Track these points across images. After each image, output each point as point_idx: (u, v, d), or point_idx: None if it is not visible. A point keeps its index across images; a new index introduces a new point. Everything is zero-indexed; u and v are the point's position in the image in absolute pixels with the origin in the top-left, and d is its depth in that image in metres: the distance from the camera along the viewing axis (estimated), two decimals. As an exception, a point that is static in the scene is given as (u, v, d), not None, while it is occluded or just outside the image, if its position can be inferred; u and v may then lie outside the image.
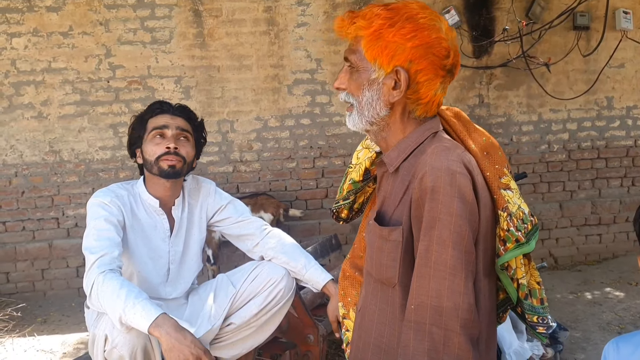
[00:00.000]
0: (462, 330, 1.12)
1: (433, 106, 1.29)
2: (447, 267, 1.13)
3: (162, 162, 2.07)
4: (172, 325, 1.73)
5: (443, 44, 1.24)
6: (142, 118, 2.14)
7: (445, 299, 1.12)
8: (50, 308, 4.69)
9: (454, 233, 1.14)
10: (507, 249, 1.26)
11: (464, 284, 1.13)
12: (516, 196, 1.29)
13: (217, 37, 4.88)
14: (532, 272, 1.37)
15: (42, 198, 4.86)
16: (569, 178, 5.45)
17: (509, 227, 1.25)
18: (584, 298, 4.46)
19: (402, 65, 1.24)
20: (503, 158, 1.33)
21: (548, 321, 1.37)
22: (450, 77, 1.30)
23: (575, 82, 5.31)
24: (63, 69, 4.76)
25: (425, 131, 1.29)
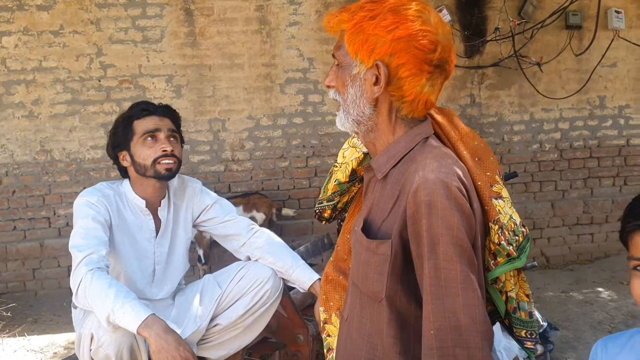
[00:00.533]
0: (483, 344, 1.08)
1: (420, 105, 1.21)
2: (458, 283, 1.09)
3: (158, 166, 2.06)
4: (162, 327, 1.72)
5: (428, 37, 1.16)
6: (127, 120, 2.11)
7: (462, 315, 1.08)
8: (41, 308, 4.67)
9: (458, 247, 1.10)
10: (497, 263, 1.22)
11: (476, 296, 1.09)
12: (507, 205, 1.24)
13: (209, 36, 4.86)
14: (522, 284, 1.32)
15: (33, 197, 4.84)
16: (561, 177, 5.46)
17: (500, 241, 1.21)
18: (576, 297, 4.46)
19: (382, 59, 1.18)
20: (495, 164, 1.28)
21: (537, 336, 1.33)
22: (441, 74, 1.21)
23: (567, 81, 5.32)
24: (54, 68, 4.74)
25: (416, 136, 1.23)
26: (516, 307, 1.29)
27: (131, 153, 2.10)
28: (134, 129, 2.09)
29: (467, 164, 1.22)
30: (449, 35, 1.21)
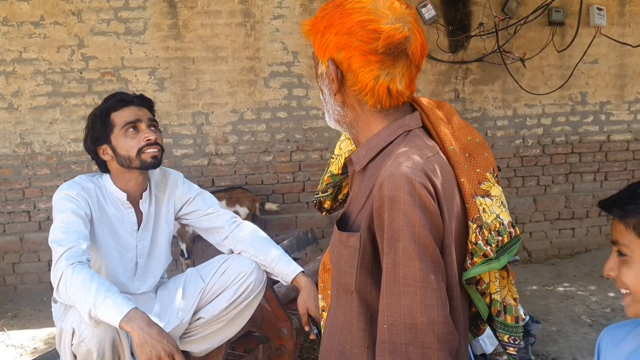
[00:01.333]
0: (439, 345, 1.06)
1: (382, 94, 1.18)
2: (417, 281, 1.07)
3: (144, 155, 2.04)
4: (144, 320, 1.71)
5: (369, 27, 1.14)
6: (105, 113, 2.08)
7: (418, 314, 1.06)
8: (21, 302, 4.62)
9: (419, 244, 1.08)
10: (473, 263, 1.20)
11: (436, 296, 1.07)
12: (496, 204, 1.23)
13: (192, 29, 4.82)
14: (510, 287, 1.30)
15: (13, 191, 4.77)
16: (543, 172, 5.51)
17: (477, 240, 1.19)
18: (557, 291, 4.51)
19: (332, 57, 1.19)
20: (489, 161, 1.26)
21: (520, 342, 1.31)
22: (397, 60, 1.16)
23: (550, 77, 5.36)
24: (34, 60, 4.67)
25: (397, 128, 1.21)
26: (501, 311, 1.27)
27: (112, 146, 2.07)
28: (112, 122, 2.06)
29: (453, 159, 1.20)
30: (406, 18, 1.18)
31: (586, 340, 3.60)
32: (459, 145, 1.24)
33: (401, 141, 1.20)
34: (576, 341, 3.59)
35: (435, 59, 5.12)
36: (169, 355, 1.69)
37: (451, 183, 1.18)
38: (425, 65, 5.17)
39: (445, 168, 1.18)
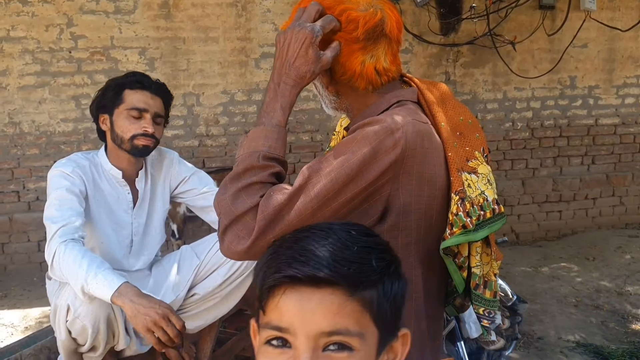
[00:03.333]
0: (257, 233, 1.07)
1: (371, 75, 1.22)
2: (313, 191, 1.08)
3: (136, 141, 2.04)
4: (134, 292, 1.73)
5: (344, 17, 1.20)
6: (119, 87, 2.07)
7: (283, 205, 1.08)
8: (11, 282, 4.61)
9: (343, 171, 1.08)
10: (452, 233, 1.20)
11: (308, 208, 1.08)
12: (482, 182, 1.24)
13: (183, 8, 4.78)
14: (493, 264, 1.32)
15: (2, 171, 4.74)
16: (532, 156, 5.56)
17: (458, 212, 1.19)
18: (543, 272, 4.58)
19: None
20: (479, 141, 1.29)
21: (494, 315, 1.33)
22: (378, 41, 1.21)
23: (539, 61, 5.39)
24: (22, 38, 4.62)
25: (392, 98, 1.25)
26: (479, 284, 1.28)
27: (112, 120, 2.08)
28: (123, 98, 2.06)
29: (443, 135, 1.23)
30: (376, 1, 1.23)
31: (571, 320, 3.68)
32: (451, 123, 1.27)
33: (394, 108, 1.23)
34: (561, 321, 3.66)
35: (427, 42, 5.13)
36: (163, 317, 1.70)
37: (437, 153, 1.20)
38: (417, 48, 5.18)
39: (433, 137, 1.20)
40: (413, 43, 5.17)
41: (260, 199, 1.09)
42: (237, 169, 1.13)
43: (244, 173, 1.12)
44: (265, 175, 1.12)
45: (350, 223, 0.87)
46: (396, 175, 1.13)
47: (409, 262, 1.18)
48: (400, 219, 1.16)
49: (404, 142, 1.11)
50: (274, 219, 1.07)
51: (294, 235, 0.83)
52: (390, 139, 1.11)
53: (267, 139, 1.15)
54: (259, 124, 1.18)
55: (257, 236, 1.06)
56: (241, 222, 1.08)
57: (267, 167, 1.13)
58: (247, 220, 1.08)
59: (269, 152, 1.14)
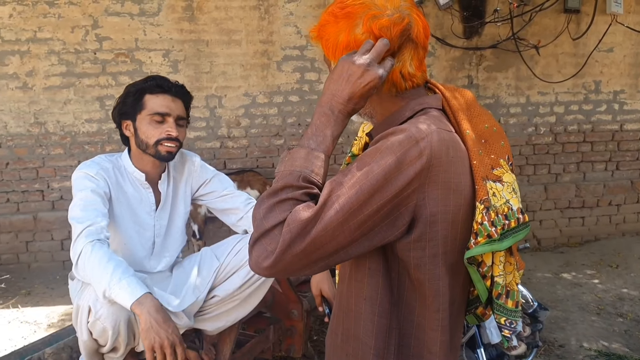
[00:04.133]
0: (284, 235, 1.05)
1: (397, 79, 1.21)
2: (337, 204, 1.06)
3: (160, 147, 2.06)
4: (154, 306, 1.73)
5: (377, 25, 1.17)
6: (140, 92, 2.09)
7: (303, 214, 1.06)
8: (35, 280, 4.68)
9: (368, 183, 1.06)
10: (477, 242, 1.18)
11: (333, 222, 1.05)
12: (507, 190, 1.23)
13: (207, 11, 4.82)
14: (515, 274, 1.30)
15: (27, 170, 4.82)
16: (555, 161, 5.50)
17: (483, 221, 1.18)
18: (565, 279, 4.52)
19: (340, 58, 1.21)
20: (504, 149, 1.27)
21: (516, 326, 1.30)
22: (405, 45, 1.20)
23: (564, 65, 5.33)
24: (49, 39, 4.69)
25: (416, 106, 1.23)
26: (502, 294, 1.27)
27: (136, 126, 2.09)
28: (144, 103, 2.07)
29: (468, 143, 1.21)
30: (403, 6, 1.20)
31: (593, 328, 3.62)
32: (476, 131, 1.25)
33: (419, 117, 1.21)
34: (583, 329, 3.61)
35: (450, 45, 5.10)
36: (171, 345, 1.71)
37: (462, 162, 1.18)
38: (439, 51, 5.15)
39: (458, 146, 1.19)
40: (436, 46, 5.15)
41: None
42: (275, 186, 1.12)
43: (281, 190, 1.11)
44: (301, 194, 1.11)
45: None
46: (422, 185, 1.11)
47: (435, 273, 1.17)
48: (427, 230, 1.14)
49: (429, 152, 1.10)
50: (299, 233, 1.06)
51: None
52: (415, 148, 1.09)
53: (311, 163, 1.14)
54: (304, 146, 1.16)
55: (282, 250, 1.05)
56: (269, 236, 1.07)
57: (305, 187, 1.12)
58: (275, 234, 1.07)
59: (311, 176, 1.13)
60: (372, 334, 1.21)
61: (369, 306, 1.21)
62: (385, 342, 1.20)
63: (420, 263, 1.15)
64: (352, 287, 1.24)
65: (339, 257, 1.10)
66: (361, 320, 1.22)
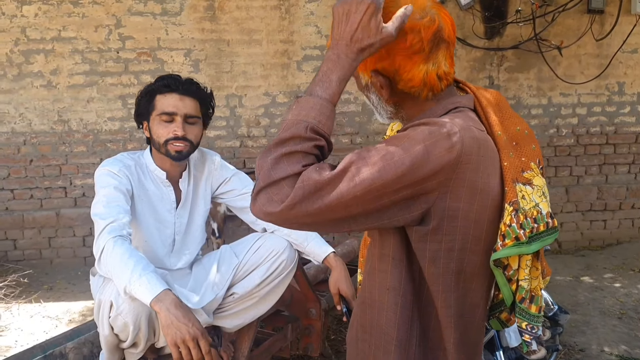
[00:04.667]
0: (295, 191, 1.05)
1: (433, 82, 1.19)
2: (358, 177, 1.04)
3: (169, 147, 2.07)
4: (173, 302, 1.73)
5: (408, 28, 1.14)
6: (151, 93, 2.11)
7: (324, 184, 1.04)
8: (57, 276, 4.75)
9: (393, 164, 1.04)
10: (504, 245, 1.17)
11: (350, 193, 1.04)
12: (537, 194, 1.21)
13: (228, 11, 4.85)
14: (541, 279, 1.28)
15: (50, 167, 4.90)
16: (576, 163, 5.44)
17: (511, 223, 1.16)
18: (586, 283, 4.47)
19: (375, 68, 1.19)
20: (535, 152, 1.26)
21: (537, 331, 1.28)
22: (439, 47, 1.18)
23: (587, 66, 5.27)
24: (73, 38, 4.76)
25: (449, 104, 1.21)
26: (525, 298, 1.25)
27: (149, 127, 2.12)
28: (155, 104, 2.09)
29: (499, 144, 1.19)
30: (430, 7, 1.18)
31: (615, 333, 3.58)
32: (507, 133, 1.23)
33: (452, 114, 1.19)
34: (604, 333, 3.57)
35: (471, 45, 5.07)
36: (193, 339, 1.71)
37: (492, 162, 1.17)
38: (460, 51, 5.13)
39: (489, 145, 1.17)
40: (456, 46, 5.11)
41: (301, 168, 1.07)
42: (282, 135, 1.10)
43: (289, 140, 1.09)
44: (310, 146, 1.09)
45: None
46: (447, 179, 1.09)
47: (449, 268, 1.16)
48: (444, 223, 1.13)
49: (459, 147, 1.08)
50: (312, 193, 1.05)
51: None
52: (446, 141, 1.07)
53: (318, 113, 1.12)
54: (311, 93, 1.15)
55: (291, 204, 1.05)
56: (277, 187, 1.06)
57: (313, 139, 1.10)
58: (283, 186, 1.06)
59: (318, 127, 1.11)
60: (394, 324, 1.21)
61: (392, 297, 1.21)
62: (408, 333, 1.20)
63: (436, 257, 1.14)
64: (376, 278, 1.24)
65: (346, 225, 1.09)
66: (384, 311, 1.22)
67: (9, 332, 3.68)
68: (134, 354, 2.00)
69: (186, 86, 2.12)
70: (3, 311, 3.95)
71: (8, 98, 4.77)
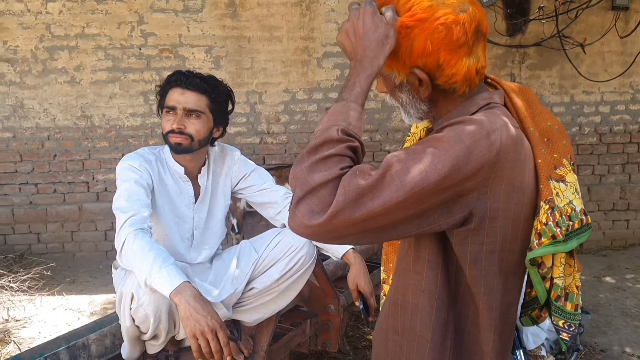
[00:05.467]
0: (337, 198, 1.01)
1: (472, 77, 1.17)
2: (400, 182, 1.01)
3: (169, 139, 2.10)
4: (192, 294, 1.75)
5: (452, 21, 1.12)
6: (163, 90, 2.16)
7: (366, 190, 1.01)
8: (79, 269, 4.83)
9: (434, 167, 1.02)
10: (541, 243, 1.15)
11: (393, 199, 1.01)
12: (570, 190, 1.18)
13: (249, 7, 4.87)
14: (575, 276, 1.25)
15: (73, 162, 4.97)
16: (599, 162, 5.37)
17: (548, 221, 1.14)
18: (608, 283, 4.42)
19: (416, 65, 1.15)
20: (567, 148, 1.22)
21: (575, 329, 1.25)
22: (478, 41, 1.16)
23: (610, 64, 5.20)
24: (96, 35, 4.82)
25: (480, 101, 1.19)
26: (561, 296, 1.23)
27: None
28: (164, 98, 2.14)
29: (532, 141, 1.17)
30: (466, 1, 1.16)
31: (637, 334, 3.54)
32: (539, 129, 1.21)
33: (484, 110, 1.17)
34: (626, 334, 3.53)
35: (492, 42, 5.03)
36: (212, 330, 1.72)
37: (527, 159, 1.15)
38: (481, 49, 5.08)
39: (524, 143, 1.15)
40: (478, 44, 5.08)
41: (339, 171, 1.04)
42: (315, 142, 1.09)
43: (322, 145, 1.07)
44: (343, 148, 1.07)
45: None
46: (487, 179, 1.08)
47: (491, 269, 1.15)
48: (486, 224, 1.11)
49: (499, 145, 1.07)
50: (355, 200, 1.01)
51: None
52: (486, 140, 1.06)
53: (347, 116, 1.11)
54: (340, 100, 1.15)
55: (334, 212, 1.01)
56: (317, 195, 1.03)
57: (345, 141, 1.08)
58: (323, 193, 1.03)
59: (348, 129, 1.10)
60: (429, 327, 1.20)
61: (427, 299, 1.20)
62: (443, 336, 1.19)
63: (477, 258, 1.13)
64: (410, 280, 1.23)
65: (386, 234, 1.07)
66: (418, 314, 1.21)
67: (33, 323, 3.75)
68: (155, 346, 2.03)
69: (189, 80, 2.11)
70: (27, 303, 4.03)
71: (33, 94, 4.85)
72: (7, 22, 4.74)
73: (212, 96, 2.16)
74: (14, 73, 4.81)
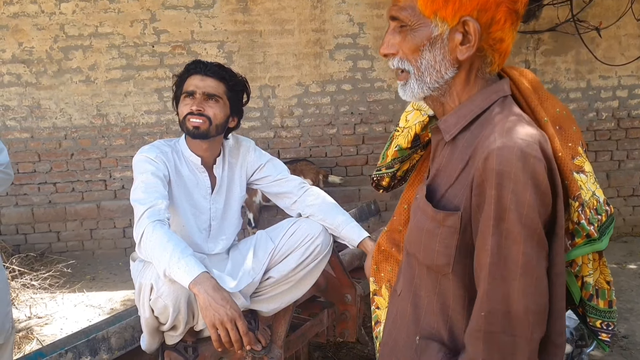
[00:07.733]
0: (533, 336, 0.99)
1: (505, 57, 1.10)
2: (519, 267, 0.97)
3: (187, 122, 2.11)
4: (211, 285, 1.76)
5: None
6: (181, 78, 2.18)
7: (515, 302, 0.98)
8: (99, 266, 4.88)
9: (526, 227, 0.97)
10: (575, 244, 1.09)
11: (536, 284, 0.98)
12: (590, 181, 1.12)
13: (260, 2, 4.87)
14: (603, 270, 1.19)
15: (90, 160, 5.01)
16: (617, 147, 5.30)
17: (580, 220, 1.08)
18: (629, 269, 4.37)
19: (470, 15, 1.04)
20: (578, 134, 1.16)
21: (614, 328, 1.19)
22: (519, 20, 1.09)
23: (627, 47, 5.12)
24: (109, 34, 4.85)
25: (492, 94, 1.10)
26: (593, 295, 1.17)
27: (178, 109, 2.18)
28: (182, 87, 2.16)
29: (548, 132, 1.09)
30: None
31: (659, 319, 3.50)
32: (550, 116, 1.14)
33: (498, 109, 1.09)
34: (649, 320, 3.49)
35: (505, 30, 4.97)
36: (231, 320, 1.72)
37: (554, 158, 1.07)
38: (495, 36, 5.04)
39: (548, 141, 1.07)
40: (491, 31, 5.03)
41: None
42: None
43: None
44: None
45: None
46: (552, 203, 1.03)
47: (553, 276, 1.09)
48: (557, 237, 1.05)
49: (547, 162, 1.01)
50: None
51: None
52: (539, 165, 0.99)
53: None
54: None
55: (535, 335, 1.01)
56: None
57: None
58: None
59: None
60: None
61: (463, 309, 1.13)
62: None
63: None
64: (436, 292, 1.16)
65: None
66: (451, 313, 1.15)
67: (55, 320, 3.80)
68: (174, 337, 2.05)
69: (209, 67, 2.15)
70: (48, 300, 4.08)
71: (49, 94, 4.90)
72: (22, 24, 4.79)
73: (230, 84, 2.19)
74: (29, 74, 4.86)
